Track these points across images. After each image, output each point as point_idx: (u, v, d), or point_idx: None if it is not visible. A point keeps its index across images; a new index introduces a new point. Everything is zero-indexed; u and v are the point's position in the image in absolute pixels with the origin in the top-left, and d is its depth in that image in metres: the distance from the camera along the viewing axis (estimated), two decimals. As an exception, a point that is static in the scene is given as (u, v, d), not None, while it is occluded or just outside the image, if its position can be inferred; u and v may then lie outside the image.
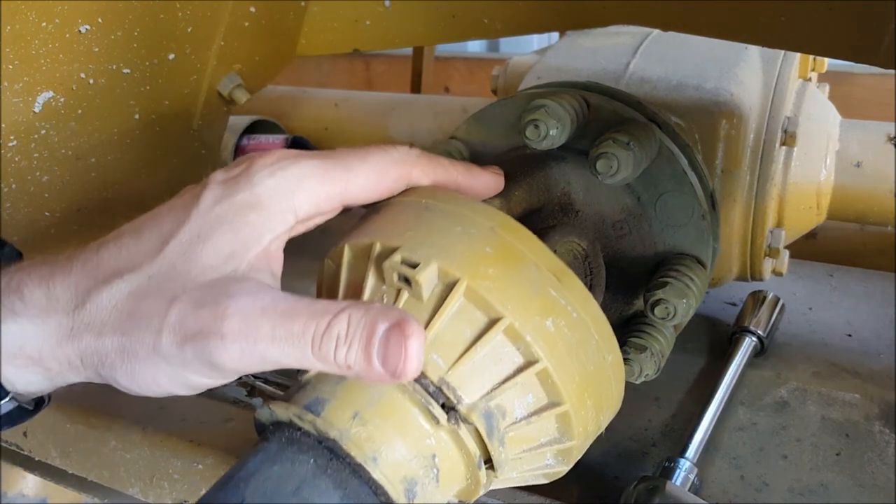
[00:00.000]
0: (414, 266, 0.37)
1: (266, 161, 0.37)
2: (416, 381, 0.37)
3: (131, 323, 0.35)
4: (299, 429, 0.37)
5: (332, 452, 0.36)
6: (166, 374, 0.36)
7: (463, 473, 0.39)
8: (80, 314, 0.35)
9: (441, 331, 0.38)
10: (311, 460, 0.36)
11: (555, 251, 0.47)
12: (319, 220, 0.40)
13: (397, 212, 0.41)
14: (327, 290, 0.44)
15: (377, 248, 0.40)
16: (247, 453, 0.37)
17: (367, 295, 0.40)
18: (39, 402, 0.41)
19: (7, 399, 0.37)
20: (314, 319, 0.34)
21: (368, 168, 0.39)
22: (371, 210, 0.43)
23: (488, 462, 0.40)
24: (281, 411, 0.38)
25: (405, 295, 0.39)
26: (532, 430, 0.40)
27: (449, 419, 0.37)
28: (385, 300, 0.39)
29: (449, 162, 0.43)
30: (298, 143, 1.08)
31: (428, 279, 0.38)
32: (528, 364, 0.38)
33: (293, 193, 0.37)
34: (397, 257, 0.38)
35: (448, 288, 0.38)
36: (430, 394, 0.37)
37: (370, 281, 0.40)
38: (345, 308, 0.34)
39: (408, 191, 0.43)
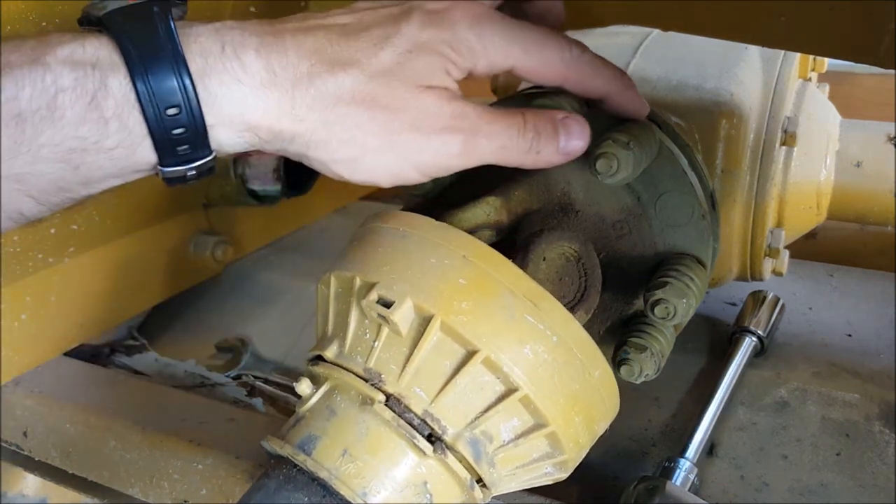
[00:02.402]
0: (389, 305, 0.39)
1: (467, 13, 0.42)
2: (400, 415, 0.38)
3: (366, 112, 0.39)
4: (295, 466, 0.39)
5: (325, 489, 0.38)
6: (404, 160, 0.40)
7: (457, 493, 0.40)
8: (300, 95, 0.38)
9: (421, 364, 0.39)
10: (306, 499, 0.38)
11: (544, 258, 0.47)
12: (485, 77, 0.45)
13: (376, 240, 0.43)
14: (321, 315, 0.45)
15: (357, 282, 0.41)
16: (250, 489, 0.39)
17: (352, 328, 0.41)
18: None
19: (211, 157, 0.39)
20: (512, 118, 0.42)
21: (541, 59, 0.44)
22: (354, 236, 0.45)
23: (481, 481, 0.40)
24: (278, 448, 0.40)
25: (385, 329, 0.40)
26: (521, 450, 0.41)
27: (435, 450, 0.38)
28: (368, 334, 0.41)
29: (610, 75, 0.47)
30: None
31: (403, 317, 0.39)
32: (509, 392, 0.39)
33: (482, 53, 0.42)
34: (374, 295, 0.39)
35: (425, 322, 0.39)
36: (414, 427, 0.38)
37: (354, 315, 0.42)
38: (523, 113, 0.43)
39: (387, 216, 0.44)
